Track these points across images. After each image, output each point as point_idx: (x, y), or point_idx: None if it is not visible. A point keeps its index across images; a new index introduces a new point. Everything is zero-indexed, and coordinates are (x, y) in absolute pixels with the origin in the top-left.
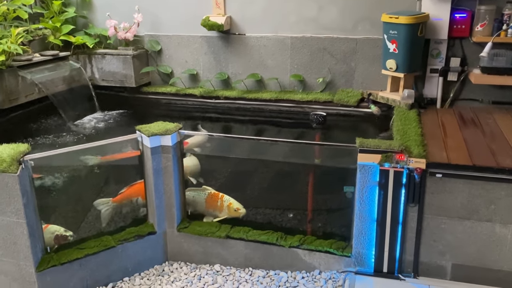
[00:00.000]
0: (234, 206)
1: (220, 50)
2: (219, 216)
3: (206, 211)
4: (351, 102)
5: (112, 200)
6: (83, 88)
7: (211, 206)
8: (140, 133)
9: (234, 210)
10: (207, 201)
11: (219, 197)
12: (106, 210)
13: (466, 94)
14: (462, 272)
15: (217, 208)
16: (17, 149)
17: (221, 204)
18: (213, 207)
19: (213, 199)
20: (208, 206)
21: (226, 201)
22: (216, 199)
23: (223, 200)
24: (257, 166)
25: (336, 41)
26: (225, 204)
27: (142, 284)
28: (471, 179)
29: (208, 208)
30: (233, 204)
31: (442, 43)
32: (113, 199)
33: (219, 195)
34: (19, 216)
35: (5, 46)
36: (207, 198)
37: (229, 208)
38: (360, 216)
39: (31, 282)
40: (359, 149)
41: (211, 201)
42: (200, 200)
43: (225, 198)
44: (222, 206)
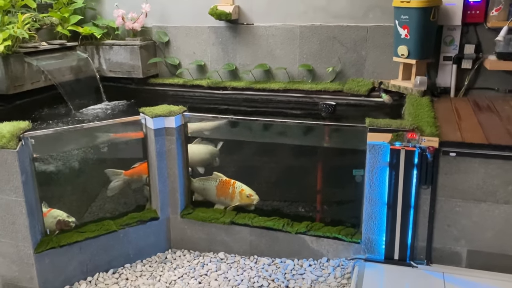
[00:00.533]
0: (246, 193)
1: (228, 40)
2: (231, 203)
3: (217, 199)
4: (361, 91)
5: (124, 172)
6: (90, 79)
7: (223, 193)
8: (143, 115)
9: (246, 196)
10: (218, 188)
11: (230, 184)
12: (116, 181)
13: (481, 82)
14: (478, 258)
15: (229, 196)
16: (17, 125)
17: (232, 191)
18: (225, 195)
19: (224, 186)
20: (220, 194)
21: (238, 187)
22: (228, 186)
23: (234, 186)
24: (262, 150)
25: (346, 29)
26: (237, 191)
27: (144, 270)
28: (487, 158)
29: (219, 196)
30: (245, 191)
31: (456, 29)
32: (125, 172)
33: (231, 182)
34: (18, 194)
35: (11, 31)
36: (218, 185)
37: (241, 195)
38: (370, 199)
39: (29, 264)
40: (369, 128)
41: (222, 189)
42: (211, 188)
43: (237, 185)
44: (234, 193)
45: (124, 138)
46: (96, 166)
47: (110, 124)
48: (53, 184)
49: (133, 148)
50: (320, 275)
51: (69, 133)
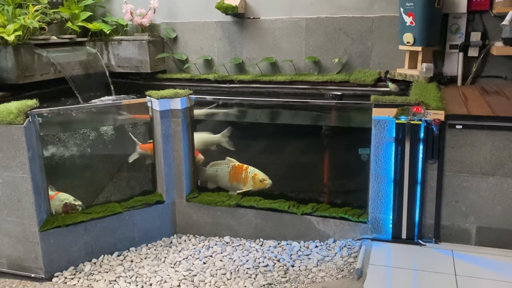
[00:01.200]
0: (259, 177)
1: (234, 35)
2: (244, 188)
3: (230, 185)
4: (368, 82)
5: (140, 145)
6: (99, 73)
7: (235, 178)
8: (150, 98)
9: (259, 181)
10: (231, 174)
11: (243, 169)
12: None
13: (488, 70)
14: (488, 235)
15: (241, 181)
16: (25, 103)
17: (245, 176)
18: (237, 180)
19: (237, 172)
20: (232, 179)
21: (251, 172)
22: (240, 171)
23: (247, 171)
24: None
25: (352, 20)
26: (250, 176)
27: (149, 253)
28: (494, 130)
29: (232, 182)
30: (258, 175)
31: (461, 17)
32: (141, 145)
33: (243, 167)
34: (24, 170)
35: (22, 21)
36: (231, 171)
37: (254, 180)
38: (376, 176)
39: (34, 243)
40: (374, 103)
41: (235, 174)
42: (224, 173)
43: (250, 170)
44: (247, 178)
45: (132, 121)
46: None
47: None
48: (61, 166)
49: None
50: (326, 255)
51: (79, 115)
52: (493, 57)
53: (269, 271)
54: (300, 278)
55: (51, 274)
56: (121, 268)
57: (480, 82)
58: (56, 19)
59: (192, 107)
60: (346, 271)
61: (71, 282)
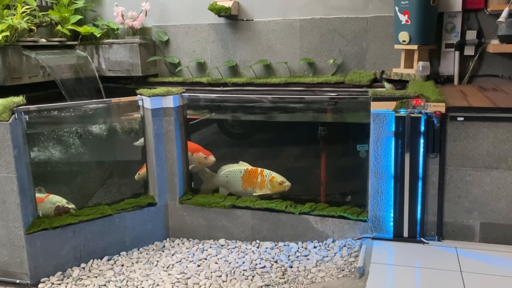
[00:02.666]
0: (277, 180)
1: (228, 37)
2: (260, 193)
3: (244, 191)
4: (363, 82)
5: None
6: (89, 78)
7: (250, 183)
8: (141, 96)
9: (278, 184)
10: (245, 179)
11: (258, 173)
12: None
13: (484, 69)
14: (492, 232)
15: (257, 185)
16: (11, 99)
17: (262, 179)
18: (253, 185)
19: (251, 176)
20: (247, 185)
21: (268, 175)
22: (256, 175)
23: (263, 175)
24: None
25: (346, 21)
26: (267, 179)
27: (141, 257)
28: (496, 121)
29: (246, 187)
30: (276, 178)
31: (457, 16)
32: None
33: (258, 170)
34: (9, 170)
35: (10, 21)
36: (244, 176)
37: (272, 183)
38: (376, 172)
39: (19, 247)
40: (372, 97)
41: (249, 178)
42: (236, 179)
43: (266, 173)
44: (264, 181)
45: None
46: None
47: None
48: (48, 167)
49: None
50: (325, 255)
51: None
52: (489, 56)
53: (266, 273)
54: (299, 279)
55: (37, 280)
56: (111, 272)
57: (477, 81)
58: (46, 22)
59: (185, 106)
60: (347, 270)
61: None
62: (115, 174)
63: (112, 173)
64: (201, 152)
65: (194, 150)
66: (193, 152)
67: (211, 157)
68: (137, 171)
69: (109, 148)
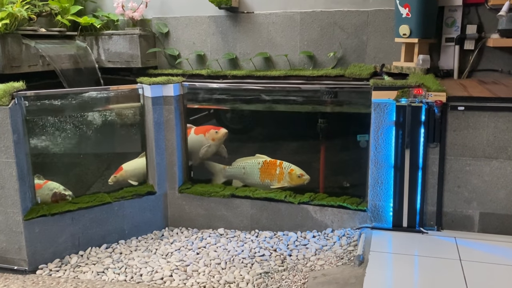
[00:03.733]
0: (297, 173)
1: (228, 30)
2: (278, 186)
3: (261, 183)
4: (363, 75)
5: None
6: (89, 69)
7: (268, 175)
8: (141, 84)
9: (297, 176)
10: (262, 171)
11: (277, 165)
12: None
13: (484, 64)
14: (491, 222)
15: (276, 177)
16: (11, 84)
17: (280, 172)
18: (271, 177)
19: (269, 168)
20: (264, 177)
21: (287, 168)
22: (274, 167)
23: (282, 167)
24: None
25: (347, 14)
26: (286, 172)
27: (139, 246)
28: (497, 111)
29: (263, 179)
30: (295, 171)
31: (457, 10)
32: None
33: (277, 162)
34: (8, 155)
35: (10, 9)
36: (262, 167)
37: (291, 176)
38: (376, 162)
39: (18, 233)
40: (373, 86)
41: (267, 171)
42: (253, 171)
43: (285, 165)
44: (282, 174)
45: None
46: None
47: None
48: (48, 153)
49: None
50: (324, 244)
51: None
52: (489, 51)
53: (265, 261)
54: (298, 267)
55: (35, 266)
56: (109, 260)
57: (477, 75)
58: (45, 11)
59: (185, 95)
60: (346, 259)
61: (56, 275)
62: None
63: (111, 161)
64: (211, 129)
65: (205, 130)
66: (205, 133)
67: (222, 129)
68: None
69: (109, 136)
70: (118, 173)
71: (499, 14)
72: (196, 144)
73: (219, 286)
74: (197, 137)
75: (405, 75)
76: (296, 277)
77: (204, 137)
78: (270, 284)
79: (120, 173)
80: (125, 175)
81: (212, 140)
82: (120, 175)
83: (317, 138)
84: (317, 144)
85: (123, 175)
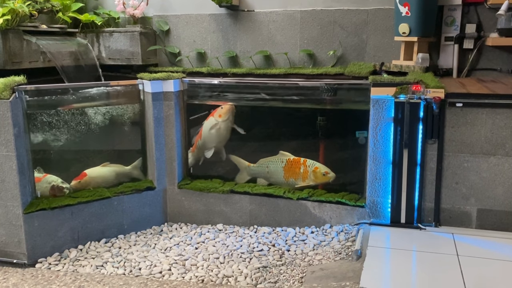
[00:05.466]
0: (321, 171)
1: (228, 28)
2: (302, 184)
3: (286, 181)
4: (363, 74)
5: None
6: (90, 66)
7: (292, 174)
8: (141, 80)
9: (322, 174)
10: (286, 169)
11: (301, 163)
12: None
13: (483, 63)
14: (489, 218)
15: (300, 176)
16: (12, 78)
17: (304, 170)
18: (295, 175)
19: (293, 166)
20: (288, 175)
21: (311, 166)
22: (298, 166)
23: (306, 165)
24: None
25: (347, 13)
26: (310, 170)
27: (138, 241)
28: (495, 108)
29: (287, 178)
30: (320, 169)
31: (456, 9)
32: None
33: (301, 160)
34: (9, 148)
35: (11, 5)
36: (286, 166)
37: (316, 174)
38: (374, 158)
39: (17, 226)
40: (372, 82)
41: (291, 169)
42: (277, 169)
43: (309, 163)
44: (307, 172)
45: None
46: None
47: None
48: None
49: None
50: (323, 240)
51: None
52: (488, 50)
53: (264, 255)
54: (296, 261)
55: (35, 260)
56: (108, 254)
57: (476, 74)
58: (47, 8)
59: (185, 91)
60: (344, 254)
61: (55, 268)
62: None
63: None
64: (217, 109)
65: (212, 113)
66: (213, 114)
67: (226, 105)
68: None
69: (108, 130)
70: (82, 178)
71: (498, 13)
72: (206, 129)
73: (218, 279)
74: (208, 121)
75: (404, 73)
76: (294, 272)
77: (213, 118)
78: (268, 278)
79: (85, 179)
80: (89, 181)
81: (219, 117)
82: (85, 180)
83: (316, 134)
84: (316, 141)
85: (87, 181)
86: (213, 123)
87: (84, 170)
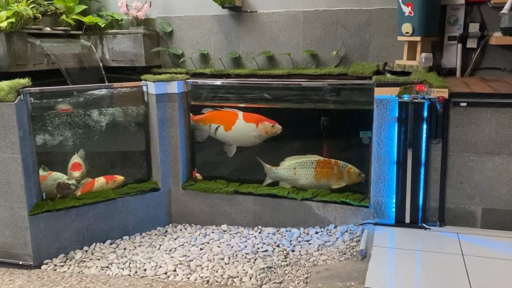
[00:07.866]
0: (355, 171)
1: (231, 29)
2: (335, 185)
3: (317, 183)
4: (366, 74)
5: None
6: (93, 68)
7: (325, 175)
8: (145, 81)
9: (356, 175)
10: (318, 170)
11: (333, 164)
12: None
13: (487, 62)
14: (494, 217)
15: (334, 177)
16: (17, 81)
17: (338, 171)
18: (328, 176)
19: (326, 167)
20: (320, 177)
21: (344, 166)
22: (331, 166)
23: (339, 165)
24: None
25: (350, 13)
26: (344, 170)
27: (143, 242)
28: (499, 107)
29: (319, 180)
30: (353, 169)
31: (460, 9)
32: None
33: (332, 161)
34: (14, 150)
35: (15, 8)
36: (317, 167)
37: (350, 174)
38: (379, 158)
39: (23, 228)
40: (376, 83)
41: (323, 170)
42: (306, 172)
43: (341, 163)
44: (341, 173)
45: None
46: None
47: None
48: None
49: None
50: (327, 240)
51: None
52: (491, 49)
53: (268, 256)
54: (301, 262)
55: (40, 262)
56: (113, 255)
57: (479, 73)
58: (50, 11)
59: (189, 92)
60: (349, 254)
61: (61, 270)
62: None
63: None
64: (266, 120)
65: (257, 120)
66: (258, 123)
67: (278, 125)
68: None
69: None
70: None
71: (501, 12)
72: (244, 131)
73: (223, 280)
74: (247, 124)
75: (408, 73)
76: (299, 272)
77: (256, 127)
78: (273, 279)
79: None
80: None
81: (265, 133)
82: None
83: (319, 135)
84: (319, 141)
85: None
86: (256, 133)
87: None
